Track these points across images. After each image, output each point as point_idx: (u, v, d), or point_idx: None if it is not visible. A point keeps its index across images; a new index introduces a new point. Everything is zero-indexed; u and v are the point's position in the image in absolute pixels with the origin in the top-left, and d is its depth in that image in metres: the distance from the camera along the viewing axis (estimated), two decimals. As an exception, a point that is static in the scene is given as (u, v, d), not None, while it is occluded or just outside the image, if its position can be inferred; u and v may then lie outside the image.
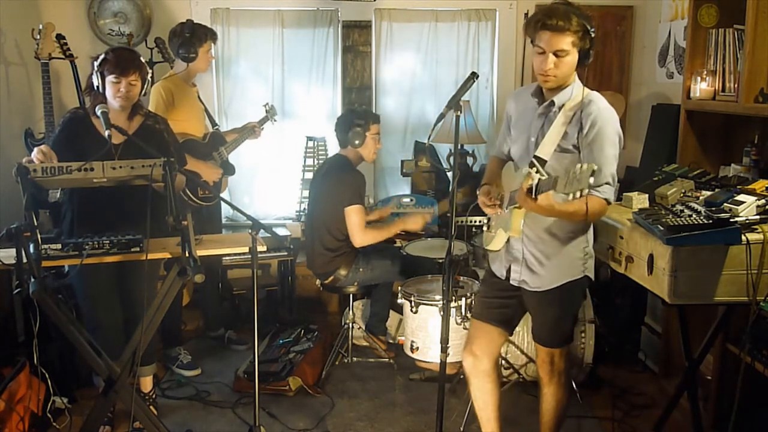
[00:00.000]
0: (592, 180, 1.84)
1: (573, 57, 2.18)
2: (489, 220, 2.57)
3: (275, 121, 4.04)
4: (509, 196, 2.29)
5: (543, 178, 2.04)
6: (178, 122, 3.36)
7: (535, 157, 2.26)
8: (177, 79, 3.58)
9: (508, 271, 2.45)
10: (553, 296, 2.37)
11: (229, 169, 3.77)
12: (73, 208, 2.81)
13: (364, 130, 3.51)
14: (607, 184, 2.19)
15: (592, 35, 2.17)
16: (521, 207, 2.21)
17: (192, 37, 3.50)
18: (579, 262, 2.36)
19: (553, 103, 2.27)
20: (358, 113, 3.59)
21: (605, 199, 2.20)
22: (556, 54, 2.16)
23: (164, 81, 3.57)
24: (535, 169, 2.13)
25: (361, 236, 3.50)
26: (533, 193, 2.07)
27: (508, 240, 2.42)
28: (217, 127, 3.88)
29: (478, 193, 2.45)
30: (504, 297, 2.49)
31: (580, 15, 2.16)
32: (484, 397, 2.60)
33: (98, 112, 2.57)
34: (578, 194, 1.88)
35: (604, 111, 2.21)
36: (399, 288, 3.45)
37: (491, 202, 2.37)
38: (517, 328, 2.78)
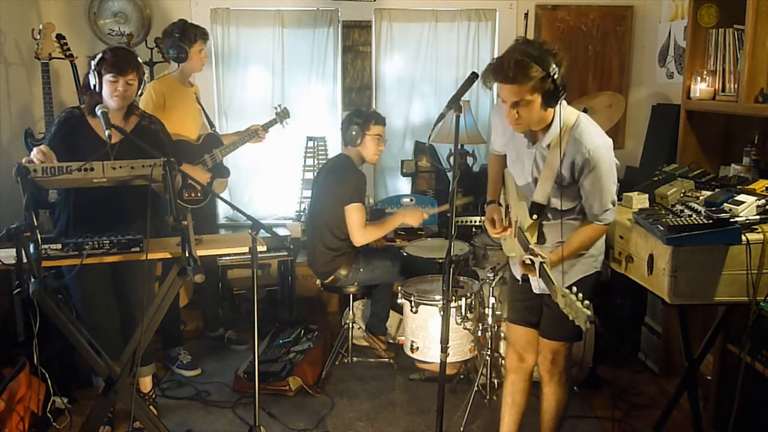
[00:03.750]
0: (588, 324, 1.85)
1: (536, 103, 2.11)
2: None
3: (286, 124, 4.01)
4: (517, 230, 2.31)
5: (546, 269, 2.06)
6: (171, 123, 3.32)
7: (534, 204, 2.28)
8: (171, 80, 3.57)
9: (525, 275, 2.48)
10: None
11: (222, 172, 3.74)
12: (69, 208, 2.81)
13: (362, 129, 3.51)
14: (606, 210, 2.24)
15: (554, 76, 2.05)
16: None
17: (182, 38, 3.47)
18: (591, 259, 2.40)
19: (541, 144, 2.25)
20: (360, 113, 3.60)
21: (606, 224, 2.28)
22: (516, 104, 2.11)
23: (156, 82, 3.55)
24: (537, 249, 2.17)
25: (360, 234, 3.50)
26: (536, 272, 2.11)
27: None
28: (213, 128, 3.85)
29: (485, 209, 2.50)
30: (529, 299, 2.52)
31: (537, 57, 2.03)
32: (514, 396, 2.63)
33: (98, 112, 2.57)
34: (570, 316, 1.89)
35: (594, 151, 2.15)
36: (399, 288, 3.45)
37: (498, 231, 2.43)
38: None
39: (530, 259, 2.16)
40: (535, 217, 2.28)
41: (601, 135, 2.22)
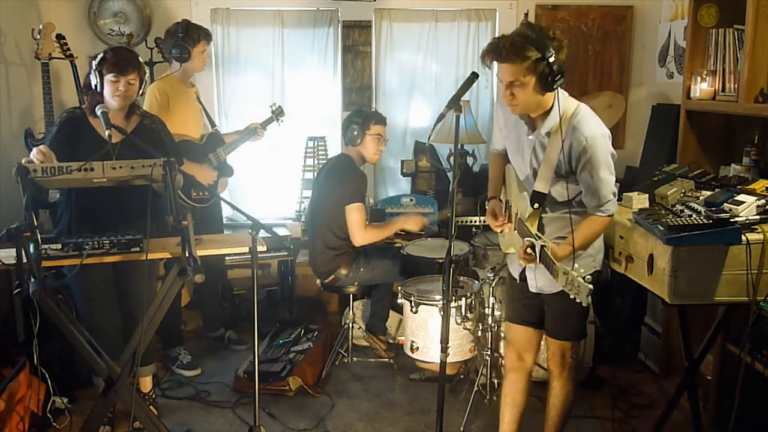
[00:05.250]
0: (589, 299, 1.88)
1: (531, 84, 2.13)
2: None
3: (282, 122, 4.02)
4: (517, 221, 2.31)
5: (545, 249, 2.06)
6: (174, 123, 3.34)
7: (535, 193, 2.27)
8: (173, 80, 3.57)
9: (522, 272, 2.48)
10: (565, 292, 2.38)
11: (226, 171, 3.76)
12: (71, 208, 2.81)
13: (362, 129, 3.52)
14: (608, 201, 2.22)
15: (550, 60, 2.08)
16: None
17: (185, 38, 3.49)
18: (590, 259, 2.39)
19: (540, 132, 2.26)
20: (361, 112, 3.61)
21: (609, 215, 2.25)
22: (511, 84, 2.14)
23: (159, 82, 3.56)
24: (536, 234, 2.19)
25: (360, 235, 3.50)
26: (536, 257, 2.10)
27: None
28: (215, 128, 3.86)
29: (486, 204, 2.48)
30: (527, 298, 2.52)
31: (535, 41, 2.07)
32: (515, 396, 2.63)
33: (98, 112, 2.57)
34: (572, 295, 1.92)
35: (591, 139, 2.16)
36: (399, 288, 3.45)
37: (500, 223, 2.40)
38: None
39: (531, 246, 2.14)
40: (536, 206, 2.27)
41: (599, 125, 2.23)
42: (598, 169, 2.18)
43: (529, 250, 2.16)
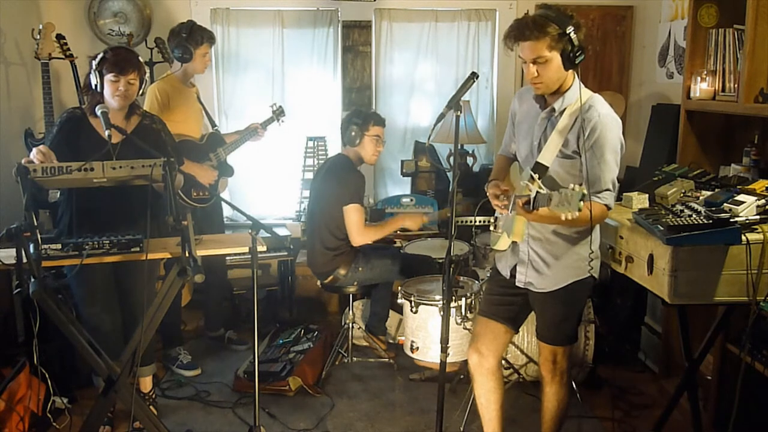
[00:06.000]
0: (581, 204, 1.86)
1: (555, 61, 2.17)
2: (495, 219, 2.58)
3: (282, 122, 4.02)
4: (513, 200, 2.29)
5: (541, 192, 2.05)
6: (174, 123, 3.35)
7: (537, 163, 2.27)
8: (174, 80, 3.58)
9: (513, 269, 2.47)
10: (559, 296, 2.38)
11: (227, 171, 3.76)
12: (72, 208, 2.81)
13: (361, 130, 3.51)
14: (607, 190, 2.21)
15: (572, 36, 2.13)
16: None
17: (188, 39, 3.50)
18: (584, 263, 2.36)
19: (554, 109, 2.27)
20: (360, 113, 3.61)
21: (605, 205, 2.22)
22: (535, 62, 2.18)
23: (160, 82, 3.57)
24: (536, 183, 2.15)
25: (359, 235, 3.50)
26: (530, 206, 2.08)
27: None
28: (216, 128, 3.87)
29: (486, 187, 2.44)
30: (509, 295, 2.50)
31: (555, 18, 2.14)
32: (487, 396, 2.60)
33: (98, 112, 2.57)
34: (569, 215, 1.90)
35: (604, 117, 2.19)
36: (399, 288, 3.45)
37: (501, 200, 2.37)
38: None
39: (527, 202, 2.10)
40: (537, 176, 2.24)
41: (613, 111, 2.25)
42: (605, 150, 2.18)
43: (523, 201, 2.12)
